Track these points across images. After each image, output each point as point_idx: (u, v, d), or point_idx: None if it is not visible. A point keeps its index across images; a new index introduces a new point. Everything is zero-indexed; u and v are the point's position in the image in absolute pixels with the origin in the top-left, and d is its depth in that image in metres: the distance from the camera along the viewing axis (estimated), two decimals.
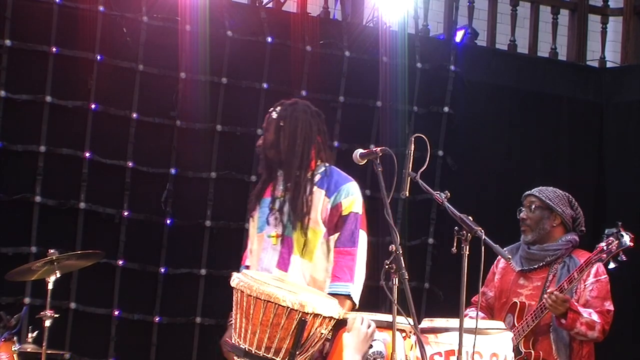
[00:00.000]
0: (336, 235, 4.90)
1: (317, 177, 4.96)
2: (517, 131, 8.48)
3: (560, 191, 5.94)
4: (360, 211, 4.93)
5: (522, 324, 5.68)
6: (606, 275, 5.73)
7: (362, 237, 4.93)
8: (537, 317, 5.64)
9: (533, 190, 5.96)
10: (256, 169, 7.47)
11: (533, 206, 5.88)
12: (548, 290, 5.61)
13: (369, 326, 4.31)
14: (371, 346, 4.33)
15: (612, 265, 5.59)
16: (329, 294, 4.74)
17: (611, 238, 5.58)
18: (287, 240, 4.92)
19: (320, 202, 4.91)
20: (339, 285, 4.86)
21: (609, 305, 5.68)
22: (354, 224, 4.90)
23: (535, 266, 5.83)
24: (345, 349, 4.27)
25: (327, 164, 5.01)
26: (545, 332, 5.71)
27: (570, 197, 5.94)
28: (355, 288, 4.88)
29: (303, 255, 4.90)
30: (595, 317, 5.62)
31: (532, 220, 5.88)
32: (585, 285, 5.70)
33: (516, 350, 5.64)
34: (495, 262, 6.00)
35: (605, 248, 5.57)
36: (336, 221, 4.91)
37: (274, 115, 5.04)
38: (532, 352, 5.67)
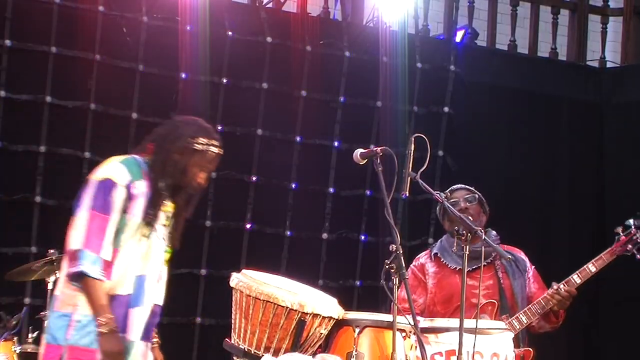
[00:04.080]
0: None
1: None
2: (517, 131, 8.48)
3: None
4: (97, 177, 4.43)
5: (511, 322, 5.47)
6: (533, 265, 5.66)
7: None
8: (535, 314, 5.55)
9: (460, 185, 5.73)
10: (256, 169, 7.49)
11: (471, 199, 5.66)
12: (555, 286, 5.53)
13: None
14: None
15: (639, 256, 5.52)
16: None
17: (634, 229, 5.51)
18: None
19: None
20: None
21: None
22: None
23: (485, 263, 5.49)
24: None
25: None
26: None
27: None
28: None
29: None
30: None
31: (474, 211, 5.62)
32: (529, 278, 5.65)
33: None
34: (417, 266, 5.75)
35: (631, 239, 5.50)
36: None
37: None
38: (530, 350, 5.59)
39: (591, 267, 5.54)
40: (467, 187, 5.74)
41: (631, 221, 5.56)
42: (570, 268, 6.18)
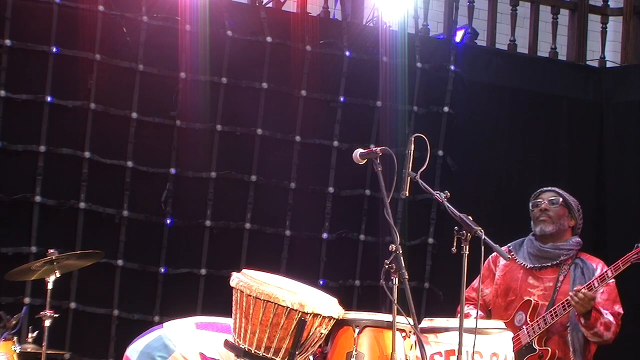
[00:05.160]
0: None
1: None
2: (517, 131, 8.48)
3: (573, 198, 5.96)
4: None
5: (538, 321, 5.64)
6: (614, 279, 5.72)
7: None
8: (557, 315, 5.60)
9: (551, 187, 5.95)
10: (256, 169, 7.49)
11: (555, 200, 5.86)
12: (575, 288, 5.57)
13: None
14: None
15: None
16: None
17: None
18: None
19: None
20: None
21: (619, 308, 5.67)
22: None
23: (548, 264, 5.79)
24: None
25: None
26: (560, 331, 5.68)
27: (579, 205, 5.96)
28: None
29: None
30: (611, 318, 5.62)
31: (555, 213, 5.84)
32: (595, 287, 5.69)
33: (529, 347, 5.65)
34: (492, 258, 5.94)
35: None
36: None
37: None
38: (549, 349, 5.64)
39: (609, 273, 5.59)
40: (556, 190, 5.92)
41: None
42: None
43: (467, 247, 4.60)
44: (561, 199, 5.87)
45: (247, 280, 4.39)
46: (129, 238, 7.11)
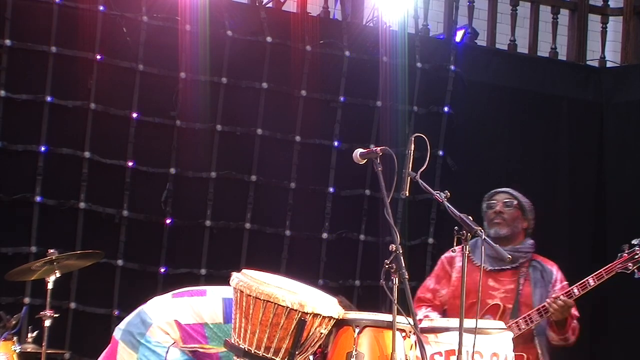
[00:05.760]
0: None
1: None
2: (517, 131, 8.48)
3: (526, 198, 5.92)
4: None
5: (511, 326, 5.54)
6: (567, 282, 5.72)
7: None
8: (532, 322, 5.59)
9: (505, 189, 5.89)
10: (256, 169, 7.49)
11: (510, 203, 5.82)
12: (552, 295, 5.56)
13: None
14: None
15: (637, 275, 5.56)
16: None
17: (638, 248, 5.55)
18: None
19: None
20: None
21: (575, 311, 5.66)
22: None
23: (508, 267, 5.71)
24: None
25: None
26: (527, 335, 5.67)
27: (532, 206, 5.91)
28: None
29: None
30: (575, 321, 5.63)
31: (509, 215, 5.82)
32: (554, 291, 5.68)
33: None
34: (446, 259, 5.88)
35: (632, 258, 5.54)
36: None
37: None
38: (524, 355, 5.61)
39: (590, 281, 5.58)
40: (510, 191, 5.85)
41: (636, 241, 5.60)
42: (570, 268, 6.19)
43: (467, 247, 4.60)
44: (515, 202, 5.84)
45: (247, 280, 4.39)
46: (129, 238, 7.11)
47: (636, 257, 5.53)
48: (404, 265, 4.37)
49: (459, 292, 5.66)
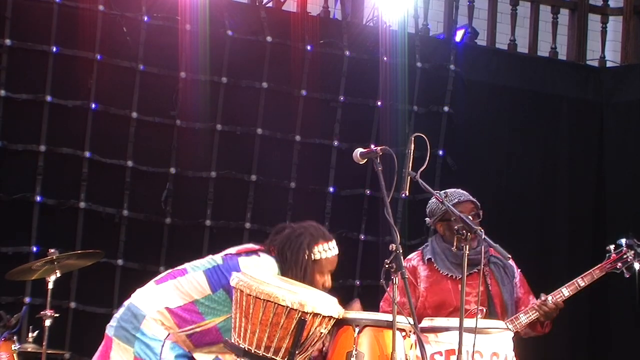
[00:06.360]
0: None
1: None
2: (517, 131, 8.48)
3: None
4: None
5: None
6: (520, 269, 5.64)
7: None
8: (520, 323, 5.54)
9: (466, 194, 5.56)
10: (256, 169, 7.49)
11: (475, 213, 5.49)
12: (543, 297, 5.51)
13: None
14: None
15: (627, 274, 5.55)
16: None
17: (625, 248, 5.53)
18: None
19: None
20: None
21: (533, 299, 5.60)
22: None
23: (475, 270, 5.40)
24: None
25: None
26: None
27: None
28: None
29: None
30: None
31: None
32: (515, 283, 5.64)
33: None
34: (407, 268, 5.35)
35: (621, 258, 5.52)
36: None
37: None
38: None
39: (580, 282, 5.53)
40: (473, 200, 5.59)
41: (623, 240, 5.57)
42: (570, 268, 6.20)
43: (467, 247, 4.60)
44: (476, 210, 5.54)
45: (247, 279, 4.39)
46: (129, 238, 7.11)
47: (624, 257, 5.52)
48: (403, 264, 4.37)
49: (429, 303, 5.49)
